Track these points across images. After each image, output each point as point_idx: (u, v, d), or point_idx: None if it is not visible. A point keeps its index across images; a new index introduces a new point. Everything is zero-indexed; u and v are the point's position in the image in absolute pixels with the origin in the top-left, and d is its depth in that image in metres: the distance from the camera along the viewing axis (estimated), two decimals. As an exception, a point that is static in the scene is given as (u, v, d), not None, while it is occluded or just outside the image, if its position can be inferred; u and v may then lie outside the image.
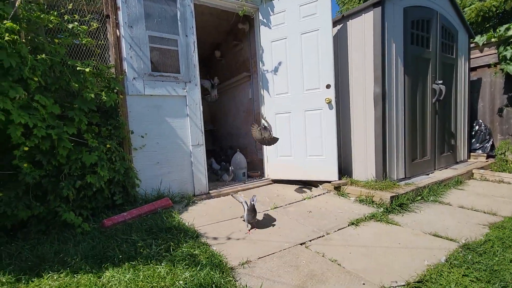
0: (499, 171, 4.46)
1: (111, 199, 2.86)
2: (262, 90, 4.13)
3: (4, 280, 1.78)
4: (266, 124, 3.48)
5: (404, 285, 1.63)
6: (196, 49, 3.40)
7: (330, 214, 2.91)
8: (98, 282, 1.72)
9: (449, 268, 1.80)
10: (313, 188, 3.85)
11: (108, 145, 2.70)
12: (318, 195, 3.57)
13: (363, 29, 3.51)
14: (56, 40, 2.55)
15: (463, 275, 1.73)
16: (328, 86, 3.56)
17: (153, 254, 2.03)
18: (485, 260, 1.89)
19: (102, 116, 2.84)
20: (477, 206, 3.06)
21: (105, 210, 2.83)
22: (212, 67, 6.64)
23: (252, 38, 4.46)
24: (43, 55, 2.35)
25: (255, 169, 4.83)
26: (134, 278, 1.74)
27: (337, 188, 3.62)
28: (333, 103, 3.56)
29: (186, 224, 2.61)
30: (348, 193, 3.50)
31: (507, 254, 1.96)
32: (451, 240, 2.26)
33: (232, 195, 3.10)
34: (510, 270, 1.76)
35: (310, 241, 2.32)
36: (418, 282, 1.67)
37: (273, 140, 3.56)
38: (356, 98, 3.72)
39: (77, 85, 2.52)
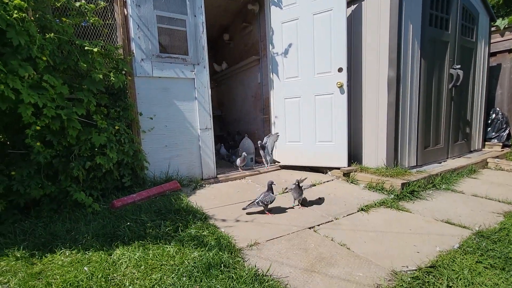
0: (515, 161, 4.32)
1: (120, 181, 2.89)
2: (271, 74, 4.04)
3: (19, 255, 1.82)
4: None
5: (415, 270, 1.60)
6: (204, 30, 3.31)
7: (339, 200, 2.88)
8: (108, 259, 1.74)
9: (462, 255, 1.76)
10: (322, 175, 3.81)
11: (117, 127, 2.70)
12: (327, 181, 3.54)
13: (379, 9, 3.34)
14: (64, 19, 2.51)
15: (476, 261, 1.68)
16: (340, 70, 3.45)
17: (162, 234, 2.05)
18: (500, 248, 1.83)
19: (111, 98, 2.83)
20: (492, 194, 2.97)
21: (114, 191, 2.86)
22: (220, 51, 6.52)
23: (262, 19, 4.32)
24: (52, 34, 2.32)
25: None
26: (144, 256, 1.76)
27: (346, 174, 3.57)
28: (345, 87, 3.45)
29: (194, 206, 2.62)
30: (357, 180, 3.45)
31: (523, 242, 1.90)
32: (464, 227, 2.21)
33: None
34: (526, 259, 1.71)
35: (318, 225, 2.30)
36: (430, 267, 1.64)
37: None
38: (368, 82, 3.60)
39: (85, 65, 2.49)
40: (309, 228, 2.25)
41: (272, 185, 2.60)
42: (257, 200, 2.54)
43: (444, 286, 1.45)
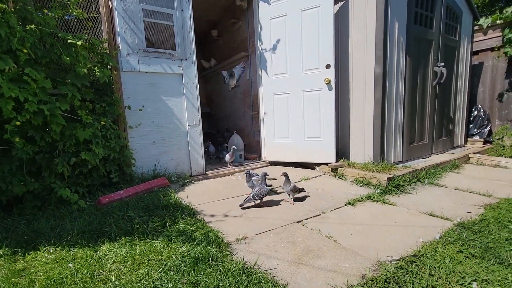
0: (496, 156, 4.48)
1: (107, 177, 2.84)
2: (260, 70, 4.04)
3: (1, 253, 1.77)
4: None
5: (399, 259, 1.65)
6: (192, 25, 3.28)
7: (327, 195, 2.92)
8: (94, 255, 1.72)
9: (444, 245, 1.82)
10: (310, 170, 3.85)
11: (102, 122, 2.65)
12: (315, 177, 3.58)
13: (365, 6, 3.39)
14: (46, 11, 2.43)
15: (457, 251, 1.74)
16: (328, 66, 3.48)
17: (149, 230, 2.03)
18: (480, 238, 1.90)
19: (96, 93, 2.77)
20: (473, 188, 3.08)
21: (101, 188, 2.81)
22: (209, 47, 6.47)
23: (251, 15, 4.31)
24: (32, 26, 2.24)
25: (253, 151, 4.81)
26: (130, 252, 1.74)
27: (334, 170, 3.62)
28: (333, 83, 3.49)
29: (183, 202, 2.60)
30: (345, 175, 3.50)
31: (503, 233, 1.98)
32: (446, 219, 2.28)
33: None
34: (505, 248, 1.78)
35: (306, 219, 2.33)
36: (413, 256, 1.68)
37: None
38: (355, 79, 3.65)
39: (69, 59, 2.43)
40: (298, 222, 2.28)
41: (266, 176, 2.65)
42: (252, 194, 2.55)
43: (426, 275, 1.50)
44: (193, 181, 3.38)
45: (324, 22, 3.42)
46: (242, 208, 2.57)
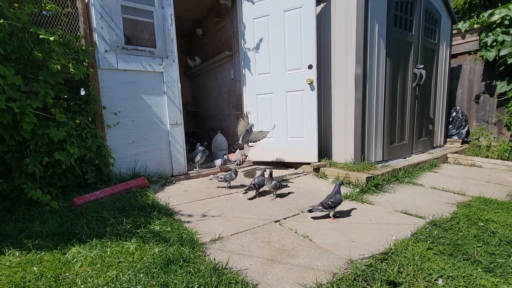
0: (472, 156, 4.63)
1: (83, 178, 2.76)
2: (244, 69, 4.03)
3: (-39, 257, 1.69)
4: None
5: (370, 257, 1.67)
6: (173, 23, 3.23)
7: (307, 194, 2.94)
8: (62, 258, 1.66)
9: (415, 242, 1.86)
10: (293, 170, 3.87)
11: (78, 121, 2.57)
12: (298, 176, 3.60)
13: (346, 8, 3.43)
14: (16, 5, 2.34)
15: (427, 248, 1.79)
16: (310, 67, 3.51)
17: (123, 231, 1.98)
18: (450, 235, 1.96)
19: (71, 90, 2.69)
20: (448, 187, 3.17)
21: (76, 189, 2.74)
22: (193, 46, 6.41)
23: (235, 14, 4.29)
24: (1, 20, 2.15)
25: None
26: (101, 254, 1.70)
27: (316, 169, 3.65)
28: (315, 84, 3.52)
29: (161, 202, 2.56)
30: (326, 175, 3.54)
31: (472, 230, 2.04)
32: (419, 217, 2.33)
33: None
34: (473, 245, 1.83)
35: (284, 219, 2.34)
36: (384, 254, 1.71)
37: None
38: (337, 80, 3.69)
39: (41, 54, 2.35)
40: (275, 221, 2.28)
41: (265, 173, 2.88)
42: (253, 183, 2.81)
43: (395, 272, 1.53)
44: (174, 181, 3.33)
45: (306, 23, 3.44)
46: (243, 193, 2.93)
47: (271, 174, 2.84)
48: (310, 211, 2.31)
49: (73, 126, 2.56)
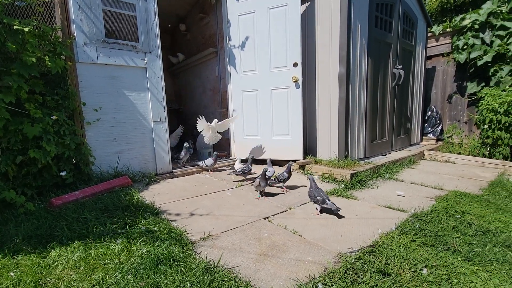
0: (446, 152, 4.90)
1: (61, 178, 2.62)
2: (229, 67, 4.00)
3: None
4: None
5: (358, 251, 1.72)
6: (157, 17, 3.14)
7: (294, 191, 2.97)
8: (41, 262, 1.56)
9: (399, 235, 1.93)
10: (279, 167, 3.89)
11: (55, 117, 2.43)
12: (283, 174, 3.62)
13: (330, 8, 3.50)
14: (-15, -8, 2.16)
15: (411, 240, 1.86)
16: (295, 65, 3.54)
17: (107, 232, 1.90)
18: (431, 227, 2.05)
19: (47, 85, 2.53)
20: (426, 182, 3.32)
21: (53, 189, 2.59)
22: (177, 42, 6.27)
23: (219, 10, 4.24)
24: (-32, 8, 1.99)
25: (222, 149, 4.75)
26: (84, 256, 1.62)
27: (302, 167, 3.70)
28: (300, 82, 3.56)
29: (146, 202, 2.48)
30: (312, 172, 3.60)
31: (450, 222, 2.15)
32: (402, 211, 2.43)
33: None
34: (452, 236, 1.93)
35: (273, 215, 2.35)
36: (371, 246, 1.77)
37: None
38: (322, 78, 3.75)
39: (14, 46, 2.18)
40: (264, 218, 2.28)
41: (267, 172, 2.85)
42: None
43: (383, 264, 1.58)
44: (158, 180, 3.25)
45: (291, 21, 3.47)
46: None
47: (265, 172, 2.73)
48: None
49: (49, 123, 2.41)
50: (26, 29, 2.22)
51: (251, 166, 3.27)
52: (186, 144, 3.73)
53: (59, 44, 2.52)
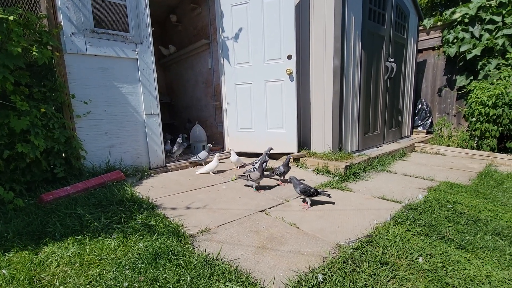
0: (436, 145, 5.00)
1: (51, 172, 2.54)
2: (222, 59, 3.93)
3: None
4: None
5: (356, 241, 1.74)
6: (147, 6, 3.04)
7: (289, 184, 2.97)
8: (34, 258, 1.52)
9: (394, 225, 1.97)
10: (274, 161, 3.89)
11: (42, 110, 2.34)
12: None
13: (325, 0, 3.46)
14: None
15: (406, 230, 1.90)
16: (289, 57, 3.51)
17: (102, 227, 1.86)
18: (424, 217, 2.10)
19: (34, 76, 2.43)
20: (418, 173, 3.39)
21: (43, 184, 2.52)
22: (167, 33, 6.12)
23: (212, 1, 4.15)
24: None
25: (216, 143, 4.72)
26: (79, 252, 1.58)
27: (297, 159, 3.70)
28: (294, 74, 3.54)
29: (141, 196, 2.44)
30: (306, 165, 3.61)
31: (442, 211, 2.20)
32: (396, 202, 2.47)
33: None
34: (445, 225, 1.98)
35: (270, 208, 2.35)
36: (368, 236, 1.79)
37: None
38: (316, 70, 3.74)
39: (-3, 35, 2.08)
40: (261, 211, 2.28)
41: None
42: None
43: (380, 253, 1.60)
44: (152, 174, 3.19)
45: (285, 13, 3.42)
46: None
47: (263, 164, 2.82)
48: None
49: (37, 116, 2.32)
50: (11, 18, 2.11)
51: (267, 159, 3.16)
52: (179, 139, 3.69)
53: (45, 33, 2.41)
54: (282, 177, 3.00)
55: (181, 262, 1.47)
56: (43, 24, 2.48)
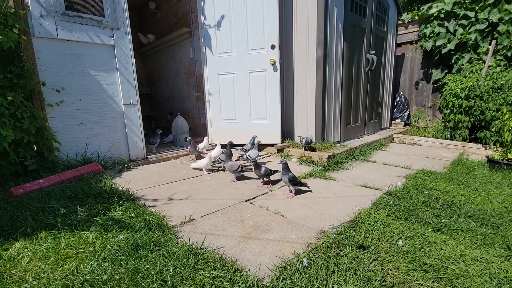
0: (413, 135, 5.19)
1: (21, 165, 2.39)
2: (204, 48, 3.83)
3: None
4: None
5: (339, 226, 1.77)
6: (125, -10, 2.89)
7: (274, 174, 2.97)
8: (4, 254, 1.42)
9: (375, 211, 2.02)
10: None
11: (9, 98, 2.17)
12: (262, 158, 3.62)
13: (308, -11, 3.45)
14: None
15: (386, 215, 1.96)
16: (273, 47, 3.48)
17: (78, 220, 1.77)
18: (403, 203, 2.17)
19: (-1, 61, 2.25)
20: (397, 162, 3.51)
21: (13, 178, 2.37)
22: (146, 20, 5.88)
23: (193, -12, 4.02)
24: None
25: (199, 134, 4.63)
26: (54, 247, 1.49)
27: (280, 150, 3.71)
28: (278, 65, 3.51)
29: (120, 188, 2.35)
30: (290, 155, 3.63)
31: (420, 197, 2.29)
32: (377, 189, 2.54)
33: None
34: (422, 209, 2.06)
35: (254, 198, 2.34)
36: (350, 222, 1.83)
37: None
38: (299, 61, 3.74)
39: (-47, 14, 1.89)
40: (246, 200, 2.27)
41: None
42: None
43: (362, 237, 1.64)
44: (132, 167, 3.09)
45: (268, 2, 3.37)
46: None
47: (256, 162, 2.68)
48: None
49: (3, 104, 2.15)
50: (-31, -5, 1.93)
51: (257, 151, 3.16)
52: (158, 131, 3.62)
53: (11, 15, 2.23)
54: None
55: (164, 252, 1.43)
56: (8, 5, 2.28)
